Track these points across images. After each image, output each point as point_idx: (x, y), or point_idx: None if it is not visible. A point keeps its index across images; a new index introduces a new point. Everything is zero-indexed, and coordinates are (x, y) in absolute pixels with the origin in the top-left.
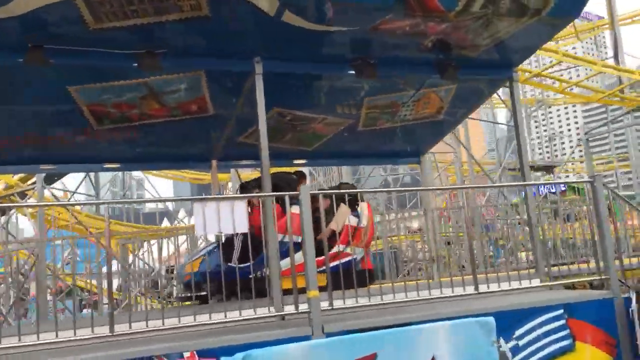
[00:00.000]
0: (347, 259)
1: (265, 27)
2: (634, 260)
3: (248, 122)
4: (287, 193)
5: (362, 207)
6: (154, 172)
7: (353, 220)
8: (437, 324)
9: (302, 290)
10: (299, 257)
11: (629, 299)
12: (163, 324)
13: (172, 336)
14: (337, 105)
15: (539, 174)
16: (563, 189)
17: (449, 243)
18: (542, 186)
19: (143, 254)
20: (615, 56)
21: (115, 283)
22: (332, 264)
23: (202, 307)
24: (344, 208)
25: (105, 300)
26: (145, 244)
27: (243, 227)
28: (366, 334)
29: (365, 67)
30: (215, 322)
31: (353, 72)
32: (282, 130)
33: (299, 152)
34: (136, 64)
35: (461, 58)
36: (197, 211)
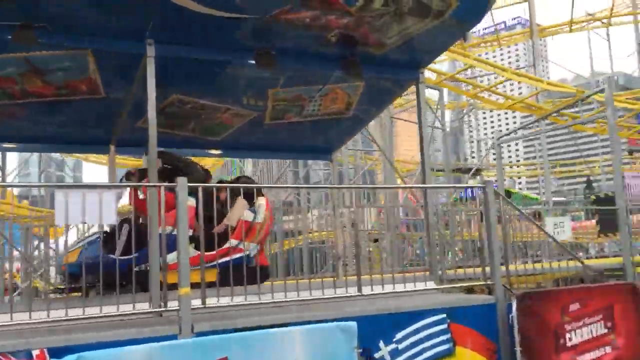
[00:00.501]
0: (238, 255)
1: (156, 7)
2: (531, 265)
3: (145, 107)
4: (166, 184)
5: (260, 202)
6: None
7: (248, 216)
8: (294, 329)
9: (198, 285)
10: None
11: (512, 305)
12: (30, 317)
13: (23, 332)
14: (241, 96)
15: (467, 176)
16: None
17: (376, 240)
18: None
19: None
20: (533, 65)
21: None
22: (222, 260)
23: (76, 300)
24: (240, 203)
25: None
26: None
27: (110, 218)
28: (217, 337)
29: (265, 57)
30: (87, 317)
31: (253, 61)
32: (185, 118)
33: (207, 141)
34: (10, 37)
35: (367, 55)
36: (59, 200)
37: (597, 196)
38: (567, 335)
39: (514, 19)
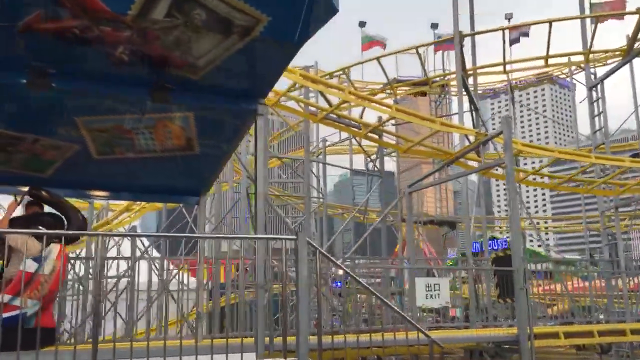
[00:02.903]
0: (12, 313)
1: None
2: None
3: None
4: None
5: (51, 249)
6: None
7: (31, 266)
8: None
9: None
10: None
11: None
12: None
13: None
14: (45, 124)
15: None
16: (505, 246)
17: None
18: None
19: None
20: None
21: None
22: None
23: None
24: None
25: None
26: None
27: None
28: None
29: (39, 76)
30: None
31: (25, 80)
32: None
33: (35, 177)
34: None
35: (186, 81)
36: None
37: (496, 254)
38: None
39: None
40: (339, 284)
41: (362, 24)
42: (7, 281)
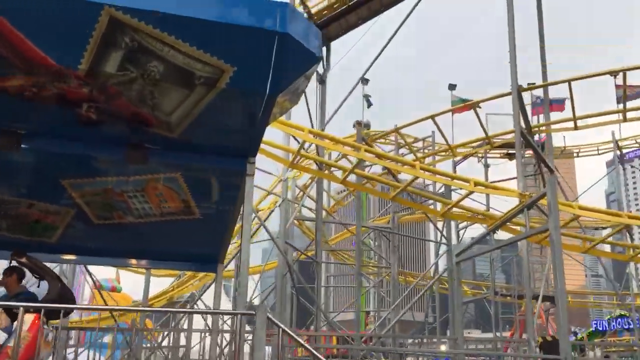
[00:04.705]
0: None
1: None
2: None
3: None
4: None
5: (26, 319)
6: None
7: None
8: None
9: None
10: None
11: None
12: None
13: None
14: (33, 187)
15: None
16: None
17: None
18: (614, 321)
19: None
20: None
21: None
22: None
23: None
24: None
25: None
26: None
27: None
28: None
29: (8, 137)
30: None
31: None
32: None
33: (41, 243)
34: None
35: (161, 139)
36: None
37: (544, 338)
38: None
39: None
40: None
41: (452, 87)
42: None
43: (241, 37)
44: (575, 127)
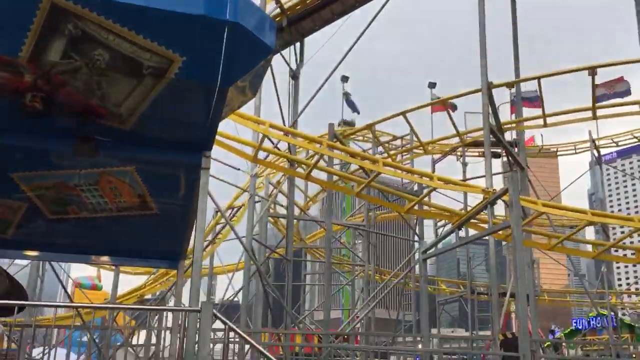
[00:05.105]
0: None
1: None
2: None
3: None
4: None
5: None
6: None
7: None
8: None
9: None
10: None
11: None
12: None
13: None
14: None
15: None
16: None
17: None
18: (593, 320)
19: None
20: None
21: None
22: None
23: None
24: None
25: None
26: None
27: None
28: None
29: None
30: None
31: None
32: None
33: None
34: None
35: (112, 131)
36: None
37: (504, 336)
38: None
39: None
40: None
41: (431, 85)
42: None
43: (190, 26)
44: (545, 125)
